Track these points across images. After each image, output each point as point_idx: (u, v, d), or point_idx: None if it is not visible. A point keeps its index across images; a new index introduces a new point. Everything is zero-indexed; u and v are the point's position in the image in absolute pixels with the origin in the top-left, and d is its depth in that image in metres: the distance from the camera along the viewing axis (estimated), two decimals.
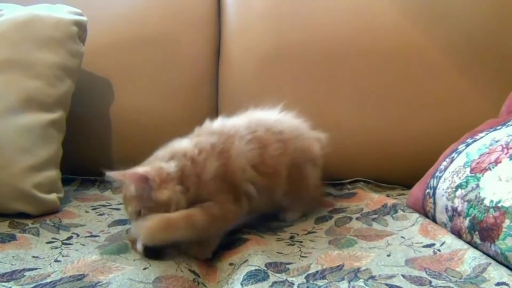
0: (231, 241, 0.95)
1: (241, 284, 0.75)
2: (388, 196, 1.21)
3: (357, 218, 1.06)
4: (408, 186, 1.20)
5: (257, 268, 0.80)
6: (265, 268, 0.81)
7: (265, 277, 0.78)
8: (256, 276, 0.78)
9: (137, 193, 0.91)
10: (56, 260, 0.84)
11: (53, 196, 1.10)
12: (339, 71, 1.37)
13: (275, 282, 0.76)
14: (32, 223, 1.02)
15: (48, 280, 0.76)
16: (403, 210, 1.06)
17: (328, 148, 1.15)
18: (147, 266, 0.81)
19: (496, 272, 0.76)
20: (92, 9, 1.38)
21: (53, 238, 0.95)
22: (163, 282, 0.76)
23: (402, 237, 0.94)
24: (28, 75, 1.13)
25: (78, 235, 0.97)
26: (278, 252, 0.89)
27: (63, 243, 0.93)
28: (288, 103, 1.28)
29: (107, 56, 1.40)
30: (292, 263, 0.84)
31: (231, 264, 0.86)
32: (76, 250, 0.89)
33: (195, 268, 0.83)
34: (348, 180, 1.33)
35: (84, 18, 1.27)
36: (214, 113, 1.39)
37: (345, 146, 1.33)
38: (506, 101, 1.14)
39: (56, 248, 0.90)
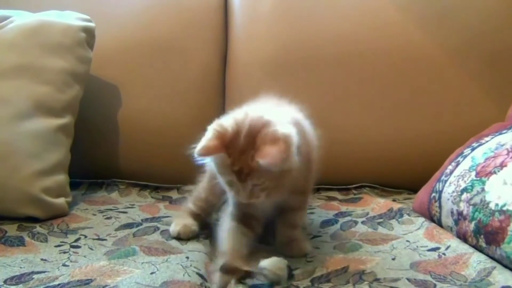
0: None
1: (250, 286, 0.76)
2: (394, 200, 1.21)
3: (362, 222, 1.06)
4: (415, 190, 1.20)
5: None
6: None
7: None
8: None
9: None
10: (64, 265, 0.85)
11: (61, 201, 1.11)
12: (344, 75, 1.37)
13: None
14: (40, 226, 1.03)
15: (56, 282, 0.77)
16: (408, 214, 1.06)
17: None
18: (155, 271, 0.81)
19: (501, 276, 0.76)
20: (100, 15, 1.39)
21: (61, 242, 0.96)
22: (170, 286, 0.76)
23: (407, 241, 0.94)
24: (37, 81, 1.15)
25: (86, 237, 0.99)
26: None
27: (71, 246, 0.94)
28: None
29: (115, 61, 1.41)
30: (297, 268, 0.84)
31: None
32: (85, 256, 0.89)
33: (203, 272, 0.83)
34: (354, 185, 1.33)
35: (92, 24, 1.28)
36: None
37: (351, 151, 1.33)
38: None
39: (64, 252, 0.91)
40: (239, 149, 0.78)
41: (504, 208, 0.83)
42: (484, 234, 0.86)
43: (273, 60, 1.41)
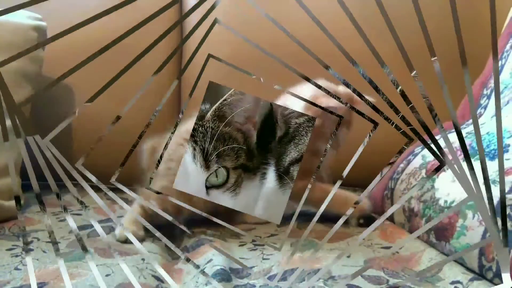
0: (195, 243, 0.96)
1: (206, 284, 0.76)
2: None
3: (319, 221, 1.07)
4: None
5: (222, 267, 0.81)
6: (229, 271, 0.82)
7: (229, 278, 0.79)
8: (222, 274, 0.78)
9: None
10: (16, 269, 0.83)
11: (12, 203, 1.09)
12: (296, 77, 1.38)
13: (237, 285, 0.78)
14: None
15: (8, 287, 0.75)
16: None
17: None
18: (110, 273, 0.80)
19: (451, 272, 0.79)
20: (52, 14, 1.36)
21: (13, 245, 0.94)
22: None
23: (363, 238, 0.96)
24: None
25: (38, 239, 0.97)
26: (240, 258, 0.90)
27: (23, 249, 0.92)
28: None
29: (68, 61, 1.36)
30: (253, 267, 0.85)
31: (197, 266, 0.86)
32: (37, 259, 0.87)
33: (158, 274, 0.83)
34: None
35: (43, 23, 1.26)
36: (177, 117, 1.39)
37: None
38: (459, 105, 1.17)
39: (16, 256, 0.89)
40: None
41: (453, 205, 0.86)
42: (434, 230, 0.89)
43: (228, 61, 1.41)
